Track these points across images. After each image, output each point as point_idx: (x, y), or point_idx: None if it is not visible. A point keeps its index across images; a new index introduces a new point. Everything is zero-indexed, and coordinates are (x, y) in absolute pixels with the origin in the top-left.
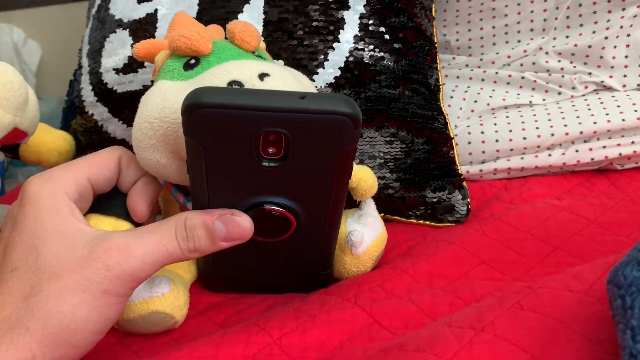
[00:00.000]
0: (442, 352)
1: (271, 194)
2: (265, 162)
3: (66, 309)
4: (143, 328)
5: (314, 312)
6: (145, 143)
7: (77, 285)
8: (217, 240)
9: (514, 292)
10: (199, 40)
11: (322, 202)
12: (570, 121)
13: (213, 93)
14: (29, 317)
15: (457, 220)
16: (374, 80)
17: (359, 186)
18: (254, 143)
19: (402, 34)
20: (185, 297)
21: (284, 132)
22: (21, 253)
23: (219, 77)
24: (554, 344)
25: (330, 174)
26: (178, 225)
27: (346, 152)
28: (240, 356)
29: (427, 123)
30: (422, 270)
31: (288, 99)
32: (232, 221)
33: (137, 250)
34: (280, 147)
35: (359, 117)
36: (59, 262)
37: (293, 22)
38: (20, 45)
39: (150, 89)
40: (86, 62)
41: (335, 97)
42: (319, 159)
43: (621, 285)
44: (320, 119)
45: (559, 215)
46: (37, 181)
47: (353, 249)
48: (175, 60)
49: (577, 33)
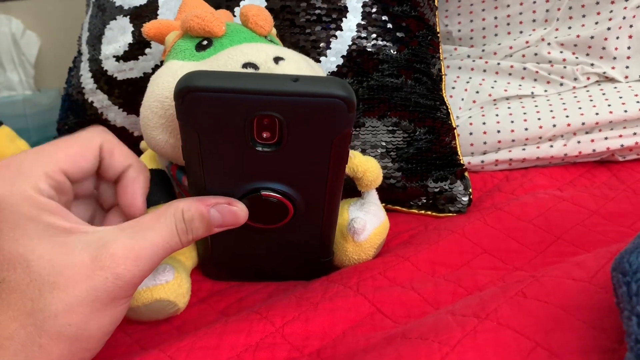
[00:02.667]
0: (446, 339)
1: (267, 180)
2: (259, 147)
3: (78, 321)
4: (146, 316)
5: (316, 300)
6: (155, 122)
7: (85, 295)
8: (212, 228)
9: (517, 281)
10: (213, 22)
11: (319, 187)
12: (572, 112)
13: (205, 76)
14: (40, 334)
15: (458, 210)
16: (376, 69)
17: (365, 177)
18: (248, 127)
19: (405, 23)
20: (187, 284)
21: (278, 116)
22: (6, 263)
23: (233, 58)
24: (558, 331)
25: (326, 159)
26: (177, 219)
27: (341, 136)
28: (243, 345)
29: (430, 113)
30: (424, 258)
31: (281, 82)
32: (227, 210)
33: (146, 254)
34: (275, 131)
35: (353, 100)
36: (57, 271)
37: (295, 9)
38: (18, 37)
39: (161, 69)
40: (86, 49)
41: (328, 80)
42: (314, 143)
43: (626, 272)
44: (314, 102)
45: (561, 206)
46: (3, 179)
47: (355, 236)
48: (187, 41)
49: (580, 24)
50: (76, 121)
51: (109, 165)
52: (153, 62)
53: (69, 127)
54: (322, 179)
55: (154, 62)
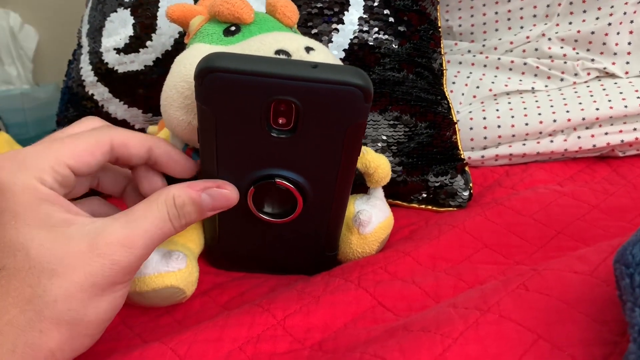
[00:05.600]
0: (448, 332)
1: (279, 167)
2: (274, 133)
3: (77, 306)
4: (153, 302)
5: (318, 293)
6: (180, 102)
7: (83, 281)
8: (204, 212)
9: (518, 274)
10: (243, 8)
11: (330, 178)
12: (572, 107)
13: (226, 58)
14: (40, 320)
15: (459, 205)
16: (378, 63)
17: (376, 173)
18: (265, 112)
19: (407, 17)
20: (197, 273)
21: (295, 101)
22: (6, 251)
23: (266, 44)
24: (560, 324)
25: (339, 149)
26: (168, 206)
27: (356, 126)
28: (245, 337)
29: (431, 107)
30: (425, 253)
31: (300, 67)
32: (217, 193)
33: (140, 241)
34: (291, 117)
35: (370, 89)
36: (56, 259)
37: (297, 2)
38: (16, 30)
39: (187, 50)
40: (86, 41)
41: (347, 69)
42: (329, 131)
43: (629, 264)
44: (332, 88)
45: (561, 201)
46: (7, 169)
47: (361, 227)
48: (214, 25)
49: (580, 19)
50: (76, 114)
51: (128, 157)
52: (154, 54)
53: (68, 120)
54: (333, 169)
55: (155, 54)
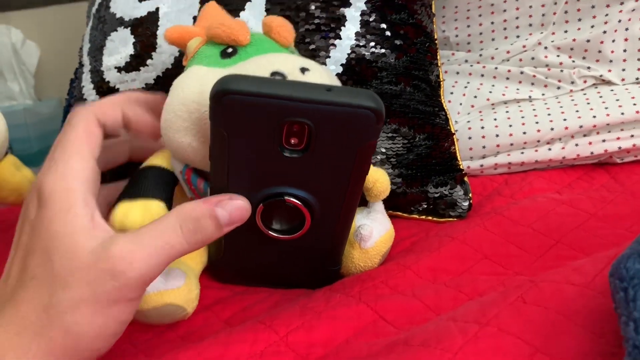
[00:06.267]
0: (447, 346)
1: (289, 185)
2: (287, 153)
3: (82, 320)
4: (155, 319)
5: (320, 309)
6: (178, 125)
7: (88, 296)
8: (222, 227)
9: (516, 286)
10: (239, 30)
11: (338, 196)
12: (569, 115)
13: (242, 80)
14: (51, 328)
15: (459, 215)
16: (375, 77)
17: (375, 187)
18: (278, 133)
19: (403, 30)
20: (197, 290)
21: (308, 123)
22: (39, 260)
23: (262, 66)
24: (557, 336)
25: (349, 168)
26: (182, 219)
27: (367, 146)
28: (248, 354)
29: (429, 119)
30: (425, 266)
31: (315, 90)
32: (231, 205)
33: (141, 255)
34: (303, 138)
35: (382, 111)
36: (69, 271)
37: (294, 19)
38: (18, 46)
39: (184, 73)
40: (87, 60)
41: (360, 92)
42: (340, 151)
43: (624, 278)
44: (345, 111)
45: (560, 209)
46: (49, 179)
47: (362, 242)
48: (211, 47)
49: (576, 27)
50: None
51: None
52: (155, 73)
53: None
54: (342, 187)
55: (156, 73)
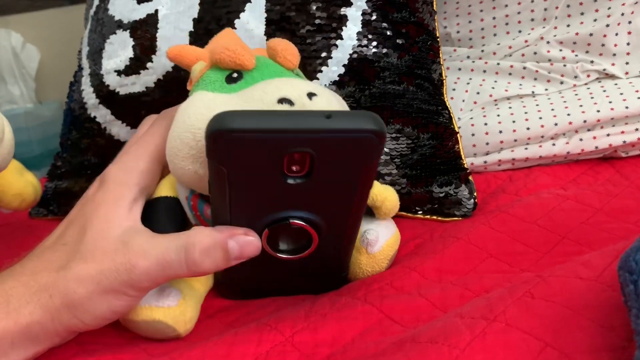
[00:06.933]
0: (455, 342)
1: (294, 209)
2: (289, 180)
3: (82, 293)
4: (145, 332)
5: (325, 311)
6: (185, 153)
7: (94, 276)
8: (230, 260)
9: (524, 282)
10: (244, 55)
11: (344, 213)
12: (573, 110)
13: (237, 117)
14: (55, 287)
15: (464, 214)
16: (378, 77)
17: (384, 205)
18: (279, 163)
19: (405, 29)
20: (192, 313)
21: (310, 152)
22: (76, 231)
23: (268, 93)
24: (567, 331)
25: (354, 187)
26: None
27: (370, 166)
28: (253, 354)
29: (432, 118)
30: (430, 267)
31: (315, 119)
32: (245, 241)
33: (144, 264)
34: (304, 165)
35: (384, 133)
36: (92, 248)
37: (295, 20)
38: (18, 50)
39: (190, 99)
40: (86, 63)
41: (360, 115)
42: (343, 174)
43: (633, 271)
44: (348, 137)
45: (565, 205)
46: (116, 168)
47: (369, 247)
48: (216, 72)
49: (578, 21)
50: (79, 136)
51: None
52: (155, 76)
53: (71, 142)
54: (348, 205)
55: (156, 76)
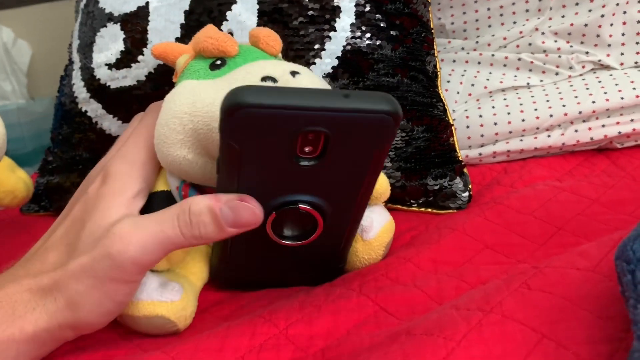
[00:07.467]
0: (451, 334)
1: (303, 192)
2: (301, 162)
3: (81, 290)
4: (144, 328)
5: (319, 303)
6: (173, 139)
7: (88, 269)
8: (224, 227)
9: (520, 273)
10: (227, 42)
11: (350, 199)
12: (568, 101)
13: (255, 92)
14: (57, 288)
15: (459, 206)
16: (372, 69)
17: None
18: (292, 142)
19: (399, 20)
20: (192, 308)
21: (326, 131)
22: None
23: (252, 72)
24: (564, 322)
25: (364, 171)
26: (181, 211)
27: (383, 149)
28: (247, 347)
29: (427, 110)
30: (426, 258)
31: (332, 98)
32: (239, 206)
33: (137, 238)
34: (318, 145)
35: (400, 114)
36: (86, 241)
37: (288, 11)
38: (9, 46)
39: (176, 88)
40: (77, 57)
41: (377, 95)
42: (356, 156)
43: (630, 260)
44: (364, 117)
45: (561, 196)
46: (117, 162)
47: (364, 234)
48: (200, 61)
49: (573, 12)
50: (70, 130)
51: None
52: (146, 69)
53: (63, 137)
54: (356, 190)
55: (147, 69)
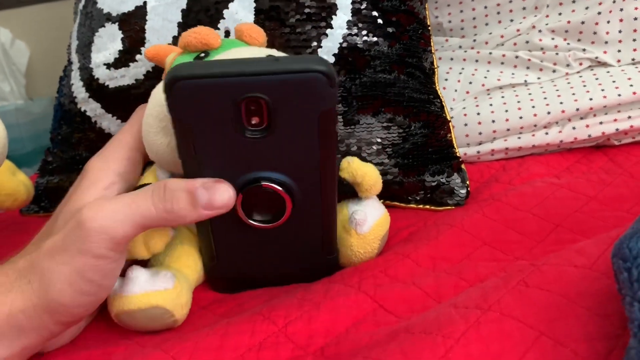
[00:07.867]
0: (449, 332)
1: (262, 169)
2: (249, 134)
3: (52, 267)
4: (142, 323)
5: (318, 299)
6: (156, 127)
7: (60, 244)
8: (198, 207)
9: (518, 270)
10: (209, 34)
11: (313, 174)
12: (566, 98)
13: (190, 66)
14: (31, 270)
15: (457, 203)
16: (368, 66)
17: (364, 181)
18: (236, 113)
19: (395, 17)
20: (187, 297)
21: (263, 97)
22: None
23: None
24: (562, 319)
25: (315, 139)
26: (157, 187)
27: (326, 113)
28: (246, 346)
29: (424, 107)
30: (424, 254)
31: (263, 63)
32: (214, 187)
33: (108, 206)
34: (262, 116)
35: (333, 74)
36: (60, 225)
37: (285, 9)
38: (7, 46)
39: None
40: (76, 57)
41: (307, 57)
42: (301, 123)
43: (627, 258)
44: (296, 78)
45: (559, 193)
46: (94, 159)
47: (358, 227)
48: (186, 57)
49: (570, 9)
50: (69, 130)
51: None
52: (144, 68)
53: (62, 137)
54: (313, 163)
55: (146, 68)
